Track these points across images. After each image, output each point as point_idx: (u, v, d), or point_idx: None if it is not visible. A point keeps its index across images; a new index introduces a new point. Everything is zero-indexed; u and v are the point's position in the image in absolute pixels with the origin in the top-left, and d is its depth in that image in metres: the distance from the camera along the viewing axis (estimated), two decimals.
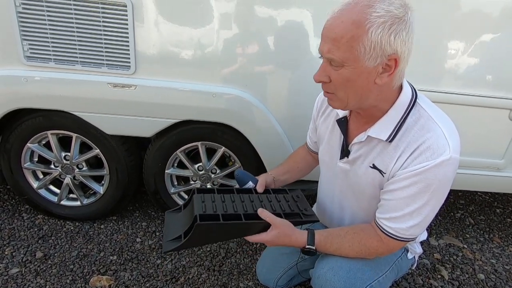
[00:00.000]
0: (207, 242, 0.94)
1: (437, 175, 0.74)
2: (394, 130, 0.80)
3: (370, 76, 0.72)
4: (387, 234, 0.84)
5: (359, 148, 0.89)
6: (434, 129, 0.77)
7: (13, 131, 1.44)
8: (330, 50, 0.71)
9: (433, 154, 0.74)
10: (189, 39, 1.28)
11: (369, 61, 0.69)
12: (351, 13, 0.68)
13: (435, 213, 0.82)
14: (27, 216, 1.69)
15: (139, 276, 1.39)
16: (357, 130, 0.89)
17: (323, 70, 0.76)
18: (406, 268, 1.10)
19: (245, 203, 0.95)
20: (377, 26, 0.66)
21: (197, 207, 0.90)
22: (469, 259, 1.71)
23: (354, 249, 0.87)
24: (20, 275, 1.34)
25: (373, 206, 0.90)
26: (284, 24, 1.28)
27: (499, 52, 1.36)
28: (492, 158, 1.57)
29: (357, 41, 0.67)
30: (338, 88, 0.76)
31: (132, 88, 1.33)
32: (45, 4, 1.20)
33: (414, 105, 0.80)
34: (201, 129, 1.47)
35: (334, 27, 0.70)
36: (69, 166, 1.55)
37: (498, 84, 1.42)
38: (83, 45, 1.27)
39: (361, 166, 0.89)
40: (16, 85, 1.29)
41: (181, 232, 0.88)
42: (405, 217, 0.80)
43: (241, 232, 0.91)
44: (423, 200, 0.77)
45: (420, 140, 0.76)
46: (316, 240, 0.88)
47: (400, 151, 0.79)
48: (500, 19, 1.31)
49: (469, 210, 2.19)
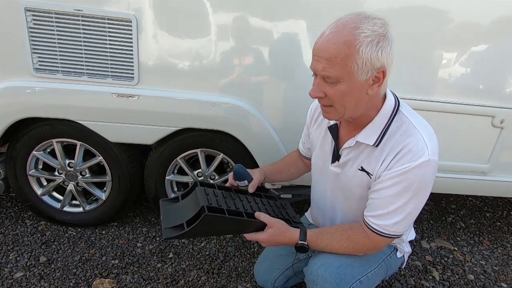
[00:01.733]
0: (208, 233, 0.98)
1: (417, 175, 0.83)
2: (379, 136, 0.89)
3: (363, 88, 0.81)
4: (374, 230, 0.91)
5: (348, 152, 0.97)
6: (414, 134, 0.85)
7: (20, 139, 1.50)
8: (325, 69, 0.78)
9: (414, 156, 0.82)
10: (189, 51, 1.37)
11: (361, 75, 0.78)
12: (341, 35, 0.76)
13: (418, 211, 0.90)
14: (30, 223, 1.73)
15: (140, 279, 1.43)
16: (347, 136, 0.97)
17: (317, 87, 0.83)
18: (396, 266, 1.15)
19: (244, 202, 1.02)
20: (366, 45, 0.75)
21: (201, 198, 0.93)
22: (460, 260, 1.77)
23: (343, 245, 0.94)
24: (25, 279, 1.38)
25: (362, 206, 0.97)
26: (278, 36, 1.37)
27: (483, 62, 1.46)
28: (478, 163, 1.65)
29: (350, 59, 0.76)
30: (336, 101, 0.83)
31: (135, 98, 1.40)
32: (54, 20, 1.28)
33: (397, 112, 0.89)
34: (201, 136, 1.54)
35: (327, 48, 0.77)
36: (72, 173, 1.61)
37: (481, 93, 1.51)
38: (90, 58, 1.35)
39: (350, 169, 0.97)
40: (25, 96, 1.36)
41: (183, 221, 0.90)
42: (389, 214, 0.87)
43: (240, 229, 0.97)
44: (405, 198, 0.85)
45: (402, 144, 0.85)
46: (308, 237, 0.95)
47: (385, 154, 0.88)
48: (485, 31, 1.40)
49: (460, 214, 2.26)
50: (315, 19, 1.35)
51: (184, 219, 0.91)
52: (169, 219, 0.95)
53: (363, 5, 1.35)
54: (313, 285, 0.95)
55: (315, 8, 1.33)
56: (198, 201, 0.93)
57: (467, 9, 1.36)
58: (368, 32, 0.75)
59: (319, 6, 1.33)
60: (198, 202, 0.92)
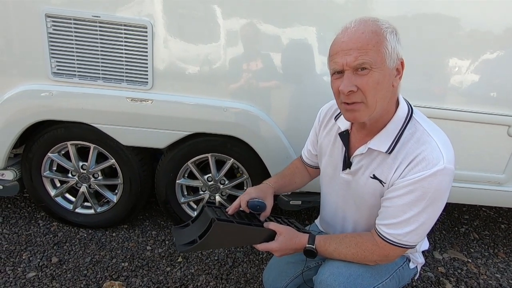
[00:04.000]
0: (220, 245, 0.97)
1: (432, 183, 0.80)
2: (392, 143, 0.87)
3: (390, 78, 0.82)
4: (384, 239, 0.88)
5: (360, 159, 0.94)
6: (428, 141, 0.83)
7: (36, 141, 1.53)
8: (358, 57, 0.78)
9: (429, 164, 0.80)
10: (201, 57, 1.38)
11: (390, 62, 0.80)
12: (367, 26, 0.80)
13: (433, 222, 0.87)
14: (43, 223, 1.76)
15: (150, 282, 1.44)
16: (358, 143, 0.95)
17: (349, 81, 0.81)
18: (408, 278, 1.12)
19: (252, 218, 1.02)
20: (389, 33, 0.80)
21: (211, 214, 0.95)
22: (474, 273, 1.73)
23: (351, 251, 0.92)
24: (37, 279, 1.40)
25: (374, 215, 0.95)
26: (289, 42, 1.38)
27: (499, 70, 1.44)
28: (493, 173, 1.61)
29: (381, 45, 0.79)
30: (368, 93, 0.81)
31: (148, 102, 1.42)
32: (73, 26, 1.31)
33: (410, 119, 0.88)
34: (212, 141, 1.55)
35: (357, 38, 0.79)
36: (85, 175, 1.63)
37: (497, 102, 1.48)
38: (106, 63, 1.38)
39: (362, 176, 0.94)
40: (43, 99, 1.40)
41: (196, 236, 0.92)
42: (402, 224, 0.84)
43: (250, 239, 0.97)
44: (419, 207, 0.82)
45: (416, 152, 0.83)
46: (316, 241, 0.94)
47: (398, 162, 0.85)
48: (499, 39, 1.38)
49: (474, 225, 2.20)
50: (325, 25, 1.35)
51: (196, 234, 0.93)
52: (182, 238, 0.96)
53: (374, 12, 1.34)
54: (328, 278, 0.92)
55: (325, 15, 1.34)
56: (208, 217, 0.94)
57: (480, 16, 1.35)
58: (387, 24, 0.81)
59: (328, 12, 1.33)
60: (208, 218, 0.94)
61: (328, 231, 1.20)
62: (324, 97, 1.47)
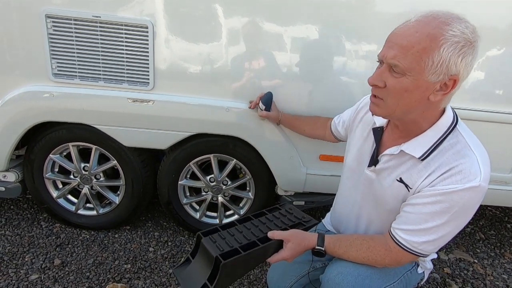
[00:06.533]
0: (232, 280, 0.93)
1: (463, 199, 0.76)
2: (429, 150, 0.82)
3: (427, 91, 0.74)
4: (399, 244, 0.85)
5: (388, 160, 0.90)
6: (469, 155, 0.78)
7: (38, 143, 1.53)
8: (396, 57, 0.72)
9: (464, 178, 0.76)
10: (203, 57, 1.37)
11: (432, 76, 0.71)
12: (428, 26, 0.70)
13: (452, 236, 0.83)
14: (45, 225, 1.76)
15: (152, 284, 1.43)
16: (391, 143, 0.91)
17: (379, 75, 0.77)
18: (415, 282, 1.10)
19: (252, 230, 0.98)
20: (450, 44, 0.68)
21: (211, 249, 0.88)
22: (480, 274, 1.70)
23: (361, 255, 0.90)
24: (40, 281, 1.39)
25: (391, 218, 0.92)
26: (292, 41, 1.36)
27: (505, 68, 1.41)
28: (500, 172, 1.59)
29: (427, 53, 0.69)
30: (391, 95, 0.76)
31: (150, 103, 1.41)
32: (73, 26, 1.30)
33: (453, 130, 0.82)
34: (214, 142, 1.53)
35: (407, 35, 0.71)
36: (87, 176, 1.63)
37: (503, 100, 1.45)
38: (107, 63, 1.36)
39: (387, 178, 0.90)
40: (44, 100, 1.39)
41: (204, 280, 0.85)
42: (420, 232, 0.82)
43: (261, 258, 0.93)
44: (442, 219, 0.79)
45: (453, 163, 0.78)
46: (326, 242, 0.92)
47: (430, 170, 0.81)
48: (503, 36, 1.35)
49: (479, 224, 2.18)
50: (328, 23, 1.33)
51: (204, 278, 0.86)
52: (190, 284, 0.88)
53: (374, 8, 1.32)
54: (335, 277, 0.91)
55: (327, 13, 1.32)
56: (209, 253, 0.88)
57: (491, 13, 1.32)
58: (458, 32, 0.69)
59: (330, 10, 1.31)
60: (210, 255, 0.87)
61: (338, 228, 1.17)
62: (328, 97, 1.45)
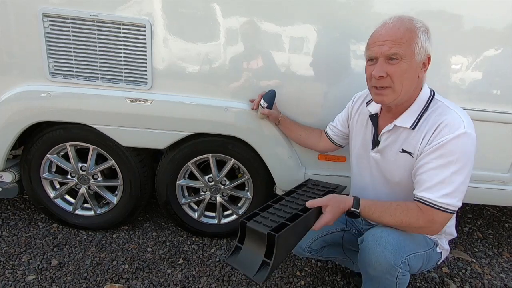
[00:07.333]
0: (286, 252, 0.96)
1: (458, 146, 0.92)
2: (416, 119, 1.01)
3: (417, 70, 0.97)
4: (425, 203, 0.95)
5: (387, 137, 1.08)
6: (450, 112, 0.97)
7: (35, 143, 1.51)
8: (392, 48, 0.93)
9: (451, 128, 0.93)
10: (201, 56, 1.36)
11: (418, 57, 0.94)
12: (403, 23, 0.94)
13: (465, 185, 0.94)
14: (42, 225, 1.75)
15: (151, 284, 1.42)
16: (385, 124, 1.09)
17: (380, 67, 0.95)
18: (433, 261, 1.16)
19: (289, 205, 1.05)
20: (421, 32, 0.94)
21: (260, 228, 0.91)
22: (478, 273, 1.71)
23: (395, 219, 0.98)
24: (37, 282, 1.38)
25: (404, 190, 1.05)
26: (289, 41, 1.36)
27: (503, 67, 1.41)
28: (498, 172, 1.59)
29: (413, 40, 0.93)
30: (396, 80, 0.95)
31: (148, 103, 1.40)
32: (71, 26, 1.29)
33: (433, 99, 1.02)
34: (212, 141, 1.53)
35: (393, 32, 0.94)
36: (85, 176, 1.62)
37: (501, 99, 1.46)
38: (104, 63, 1.36)
39: (391, 152, 1.06)
40: (41, 100, 1.38)
41: (262, 257, 0.88)
42: (436, 186, 0.93)
43: (306, 227, 0.99)
44: (450, 169, 0.92)
45: (439, 121, 0.96)
46: (361, 206, 1.01)
47: (424, 132, 0.98)
48: (501, 35, 1.36)
49: (477, 224, 2.18)
50: (325, 23, 1.33)
51: (261, 256, 0.89)
52: (249, 267, 0.90)
53: (373, 8, 1.32)
54: (375, 245, 0.99)
55: (323, 13, 1.32)
56: (259, 233, 0.91)
57: (485, 14, 1.32)
58: (420, 23, 0.95)
59: (325, 11, 1.31)
60: (261, 234, 0.90)
61: None
62: (326, 96, 1.45)
